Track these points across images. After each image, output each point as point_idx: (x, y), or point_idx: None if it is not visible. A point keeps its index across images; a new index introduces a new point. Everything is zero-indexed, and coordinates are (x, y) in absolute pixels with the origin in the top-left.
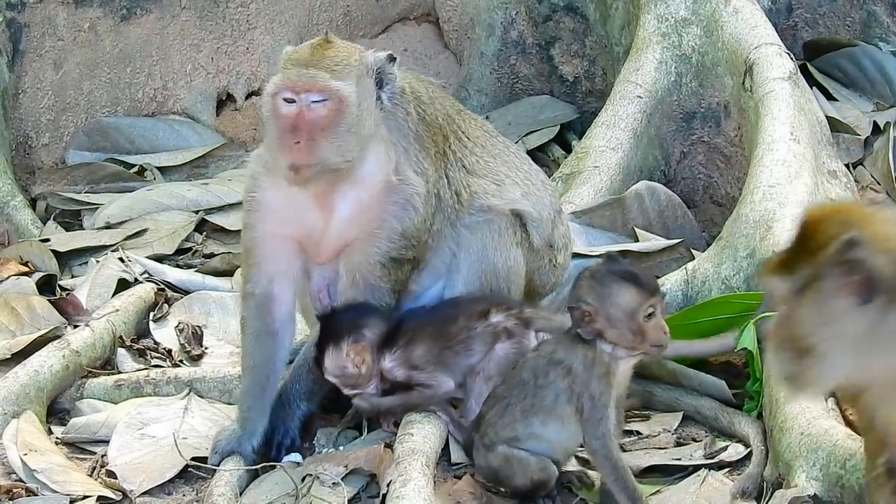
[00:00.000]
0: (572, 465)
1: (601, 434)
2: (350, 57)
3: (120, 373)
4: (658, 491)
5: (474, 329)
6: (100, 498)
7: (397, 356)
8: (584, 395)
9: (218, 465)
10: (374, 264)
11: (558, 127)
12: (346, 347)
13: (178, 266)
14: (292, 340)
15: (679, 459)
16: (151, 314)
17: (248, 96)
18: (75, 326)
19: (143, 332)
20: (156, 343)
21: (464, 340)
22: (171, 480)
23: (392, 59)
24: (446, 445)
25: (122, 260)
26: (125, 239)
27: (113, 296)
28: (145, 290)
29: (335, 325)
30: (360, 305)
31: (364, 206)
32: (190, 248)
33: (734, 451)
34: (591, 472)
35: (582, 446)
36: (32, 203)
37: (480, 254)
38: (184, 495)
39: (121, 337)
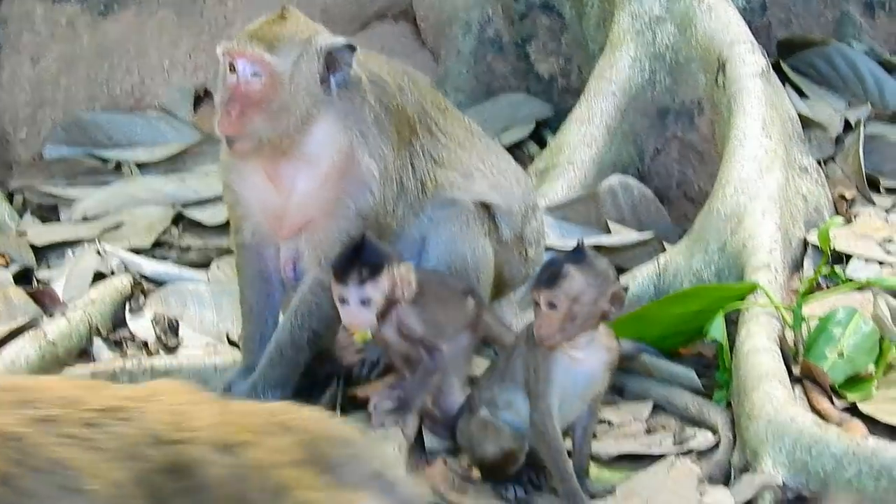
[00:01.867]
0: None
1: (540, 409)
2: (297, 35)
3: (96, 363)
4: (627, 477)
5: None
6: None
7: (417, 308)
8: (531, 366)
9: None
10: (335, 242)
11: (534, 124)
12: (396, 266)
13: (154, 259)
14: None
15: (649, 447)
16: (127, 306)
17: None
18: (51, 317)
19: (119, 324)
20: (132, 334)
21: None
22: None
23: (350, 48)
24: (419, 433)
25: (98, 253)
26: (102, 232)
27: (89, 288)
28: (122, 282)
29: (377, 248)
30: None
31: (319, 184)
32: (167, 242)
33: (703, 440)
34: None
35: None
36: (9, 197)
37: (449, 244)
38: None
39: (97, 328)
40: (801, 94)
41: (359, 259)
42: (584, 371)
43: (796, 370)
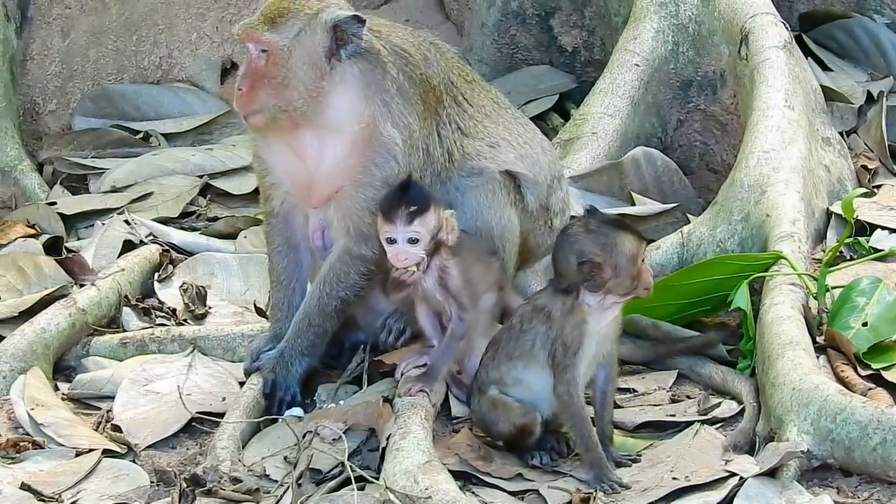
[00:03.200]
0: None
1: (566, 381)
2: (302, 10)
3: (125, 331)
4: (651, 445)
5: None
6: (105, 451)
7: (457, 260)
8: (558, 340)
9: (252, 369)
10: (362, 210)
11: (557, 96)
12: (445, 210)
13: (182, 229)
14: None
15: (673, 415)
16: (156, 274)
17: None
18: (81, 286)
19: (147, 292)
20: (160, 302)
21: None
22: (175, 434)
23: (357, 19)
24: (446, 400)
25: (127, 222)
26: (131, 202)
27: (118, 257)
28: (150, 251)
29: (422, 189)
30: None
31: (344, 153)
32: (194, 212)
33: (727, 408)
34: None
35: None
36: (39, 168)
37: (475, 212)
38: (187, 449)
39: (126, 296)
40: (823, 66)
41: (406, 199)
42: (602, 334)
43: (820, 339)
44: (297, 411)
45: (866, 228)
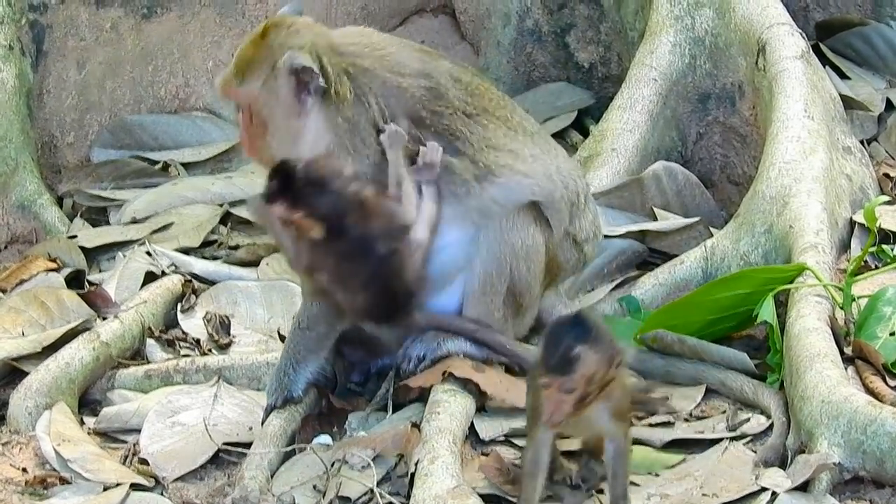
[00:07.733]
0: None
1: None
2: (262, 60)
3: (149, 363)
4: (683, 460)
5: None
6: (133, 485)
7: None
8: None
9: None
10: None
11: (576, 113)
12: (280, 203)
13: (204, 258)
14: None
15: (702, 432)
16: (179, 305)
17: None
18: (104, 319)
19: (171, 323)
20: (184, 333)
21: None
22: (202, 466)
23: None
24: (472, 425)
25: (148, 253)
26: (151, 233)
27: (140, 288)
28: (173, 282)
29: (290, 174)
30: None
31: None
32: (215, 241)
33: (756, 423)
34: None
35: None
36: (59, 201)
37: (497, 233)
38: (216, 480)
39: (149, 328)
40: (841, 75)
41: None
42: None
43: (848, 350)
44: (326, 439)
45: (890, 236)
